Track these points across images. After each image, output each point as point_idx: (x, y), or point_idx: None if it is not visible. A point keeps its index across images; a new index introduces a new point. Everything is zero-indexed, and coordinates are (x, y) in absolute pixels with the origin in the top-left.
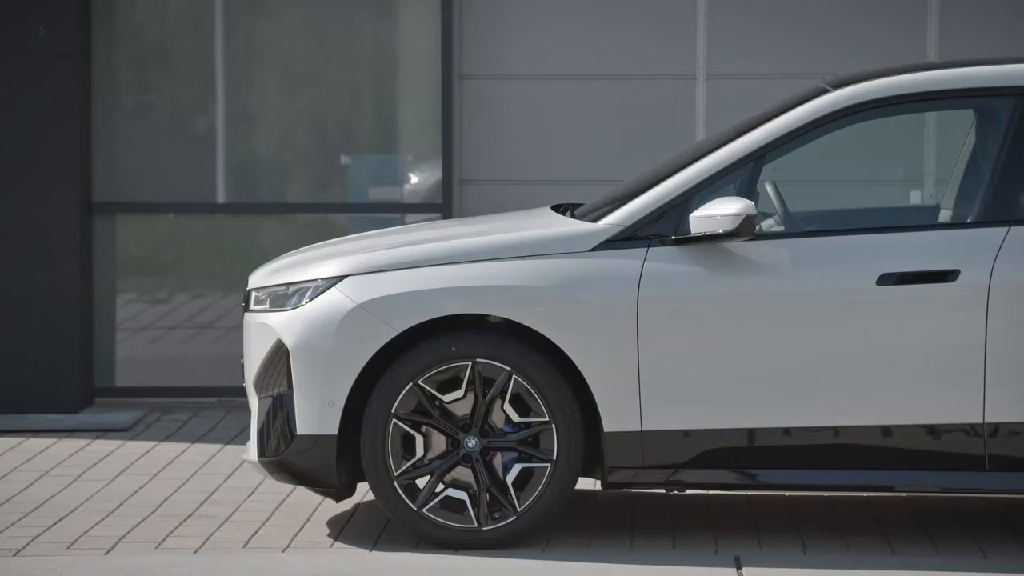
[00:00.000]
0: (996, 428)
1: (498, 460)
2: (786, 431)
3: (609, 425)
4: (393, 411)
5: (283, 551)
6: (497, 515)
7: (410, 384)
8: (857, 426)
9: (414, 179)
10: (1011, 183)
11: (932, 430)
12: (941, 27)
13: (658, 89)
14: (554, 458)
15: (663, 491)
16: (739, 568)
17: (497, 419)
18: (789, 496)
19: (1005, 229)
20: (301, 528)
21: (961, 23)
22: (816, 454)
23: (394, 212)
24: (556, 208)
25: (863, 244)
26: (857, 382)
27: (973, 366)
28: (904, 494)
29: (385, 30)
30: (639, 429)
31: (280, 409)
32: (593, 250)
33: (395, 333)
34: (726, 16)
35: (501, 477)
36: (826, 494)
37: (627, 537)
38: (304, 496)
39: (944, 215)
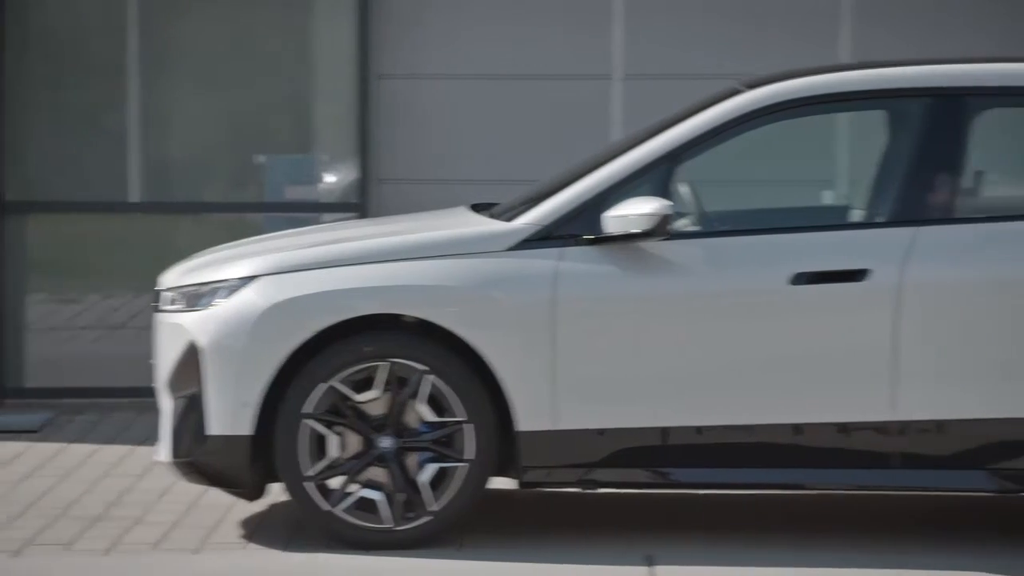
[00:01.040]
0: (906, 426)
1: (413, 460)
2: (699, 430)
3: (523, 424)
4: (307, 411)
5: (195, 552)
6: (411, 515)
7: (324, 384)
8: (770, 424)
9: (330, 178)
10: (921, 184)
11: (843, 428)
12: (854, 29)
13: (574, 89)
14: (468, 458)
15: (578, 490)
16: (651, 566)
17: (412, 419)
18: (703, 494)
19: (915, 229)
20: (213, 529)
21: (873, 25)
22: (729, 452)
23: (310, 212)
24: (473, 207)
25: (776, 244)
26: (770, 381)
27: (883, 364)
28: (816, 492)
29: (301, 29)
30: (553, 428)
31: (193, 410)
32: (509, 250)
33: (310, 333)
34: (642, 17)
35: (416, 477)
36: (739, 492)
37: (541, 536)
38: (216, 497)
39: (856, 215)
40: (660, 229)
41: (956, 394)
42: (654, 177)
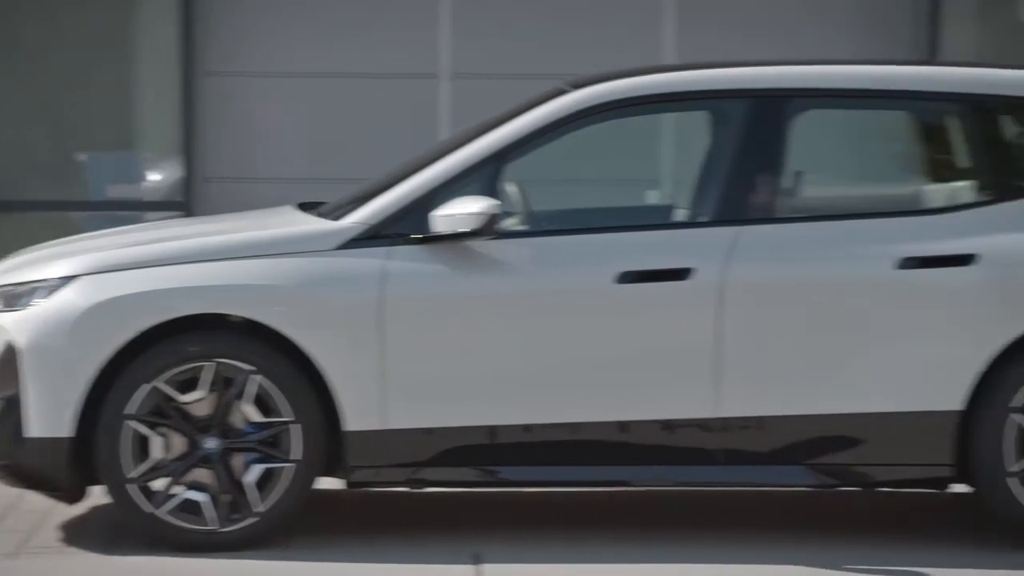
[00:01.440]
0: (727, 422)
1: (239, 461)
2: (527, 428)
3: (351, 424)
4: (130, 412)
5: (12, 557)
6: (237, 516)
7: (147, 385)
8: (595, 422)
9: (155, 177)
10: (744, 184)
11: (667, 425)
12: (679, 29)
13: (402, 88)
14: (295, 458)
15: (406, 489)
16: (478, 564)
17: (238, 420)
18: (531, 492)
19: (738, 228)
20: (31, 533)
21: (698, 25)
22: (556, 450)
23: (134, 210)
24: (300, 206)
25: (602, 243)
26: (596, 379)
27: (706, 362)
28: (641, 488)
29: (125, 25)
30: (381, 428)
31: (10, 412)
32: (336, 249)
33: (132, 334)
34: (469, 16)
35: (241, 478)
36: (567, 490)
37: (369, 536)
38: (35, 500)
39: (680, 215)
40: (488, 228)
41: (777, 391)
42: (482, 176)
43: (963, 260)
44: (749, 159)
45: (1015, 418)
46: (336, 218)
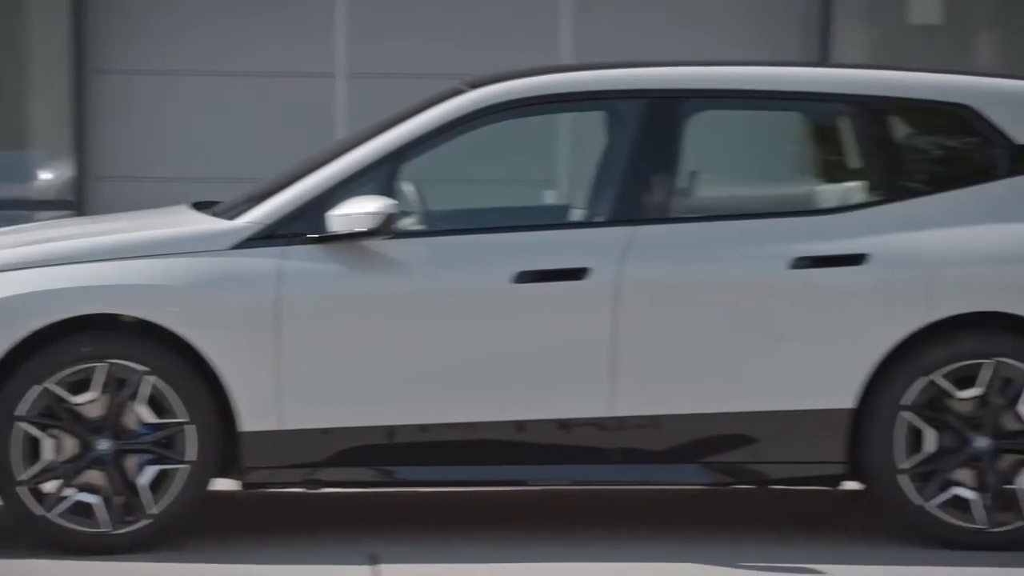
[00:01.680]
0: (623, 421)
1: (132, 462)
2: (424, 428)
3: (247, 425)
4: (20, 414)
5: None
6: (130, 518)
7: (38, 386)
8: (492, 422)
9: (46, 176)
10: (639, 184)
11: (564, 424)
12: (575, 29)
13: (298, 87)
14: (190, 459)
15: (303, 490)
16: (375, 564)
17: (131, 421)
18: (428, 492)
19: (633, 228)
20: None
21: (594, 25)
22: (453, 450)
23: (24, 209)
24: (195, 206)
25: (499, 243)
26: (493, 378)
27: (602, 361)
28: (540, 487)
29: (14, 23)
30: (278, 428)
31: None
32: (231, 248)
33: (23, 334)
34: (366, 15)
35: (135, 480)
36: (464, 489)
37: (265, 537)
38: None
39: (576, 214)
40: (384, 228)
41: (672, 390)
42: (378, 176)
43: (854, 260)
44: (644, 159)
45: (905, 416)
46: (231, 217)
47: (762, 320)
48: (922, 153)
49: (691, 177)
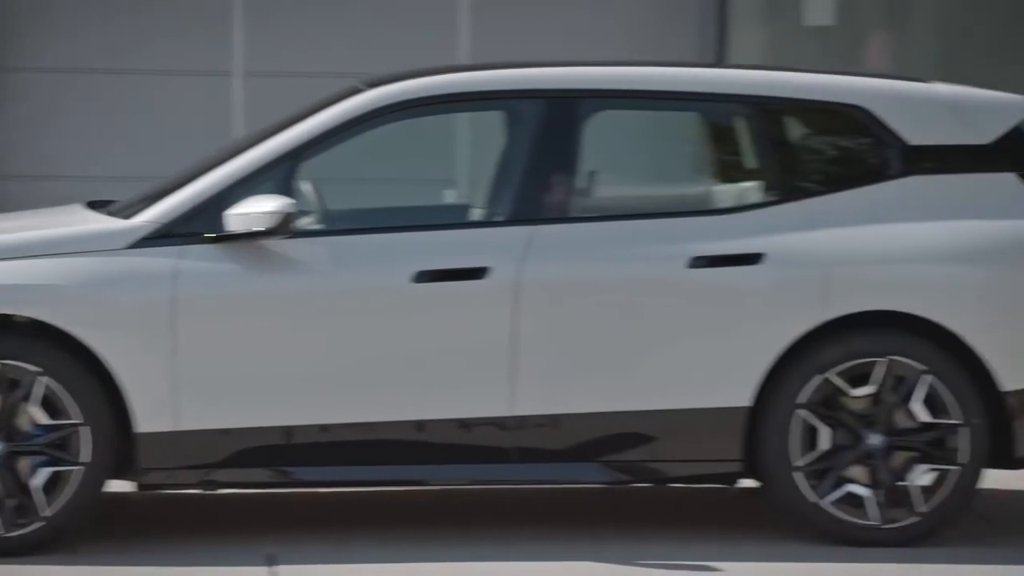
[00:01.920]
0: (523, 421)
1: (25, 464)
2: (323, 428)
3: (142, 426)
4: None
5: None
6: (23, 521)
7: None
8: (392, 422)
9: None
10: (538, 183)
11: (463, 424)
12: (474, 29)
13: (195, 86)
14: (84, 461)
15: (200, 491)
16: (273, 566)
17: (24, 422)
18: (328, 492)
19: (533, 228)
20: None
21: (492, 24)
22: (353, 450)
23: None
24: (90, 205)
25: (399, 242)
26: (392, 378)
27: (502, 361)
28: (440, 486)
29: None
30: (174, 429)
31: None
32: (126, 248)
33: None
34: (262, 14)
35: (28, 482)
36: (364, 489)
37: (161, 539)
38: None
39: (476, 214)
40: (283, 227)
41: (571, 389)
42: (276, 175)
43: (751, 259)
44: (544, 159)
45: (801, 414)
46: (126, 217)
47: (660, 319)
48: (817, 153)
49: (590, 177)
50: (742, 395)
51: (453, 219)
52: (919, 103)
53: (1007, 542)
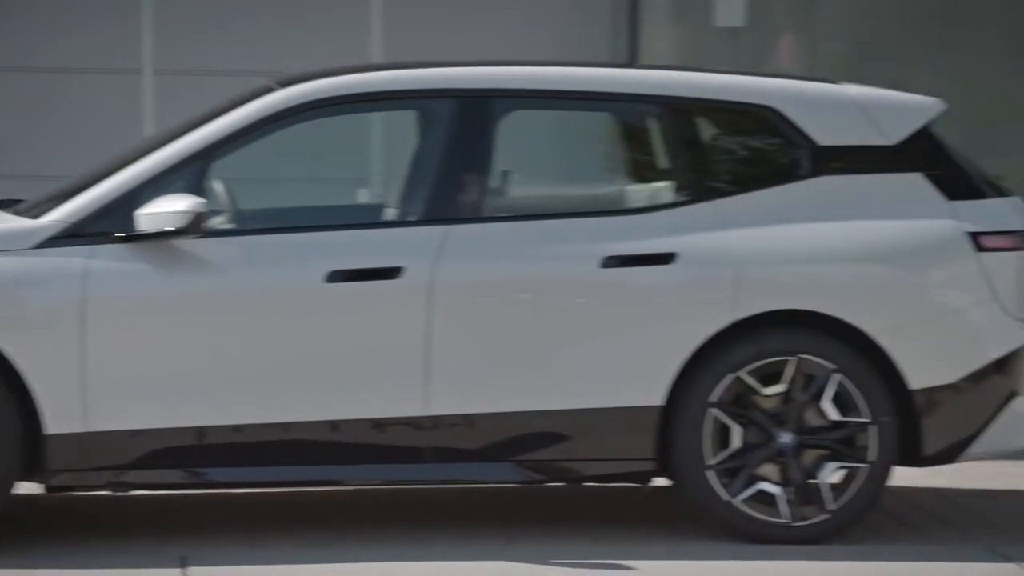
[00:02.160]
0: (437, 420)
1: None
2: (236, 428)
3: (51, 427)
4: None
5: None
6: None
7: None
8: (306, 422)
9: None
10: (452, 183)
11: (378, 424)
12: (385, 28)
13: (105, 83)
14: None
15: (111, 493)
16: (185, 567)
17: None
18: (240, 493)
19: (447, 227)
20: None
21: (404, 24)
22: (266, 451)
23: None
24: None
25: (311, 242)
26: (306, 378)
27: (417, 360)
28: (354, 486)
29: None
30: (84, 431)
31: None
32: (34, 248)
33: None
34: (172, 11)
35: None
36: (277, 490)
37: (72, 541)
38: None
39: (390, 214)
40: (194, 227)
41: (485, 389)
42: (187, 174)
43: (663, 259)
44: (457, 159)
45: (713, 413)
46: (34, 216)
47: (573, 319)
48: (729, 154)
49: (503, 177)
50: (655, 394)
51: (366, 219)
52: (828, 104)
53: (914, 539)
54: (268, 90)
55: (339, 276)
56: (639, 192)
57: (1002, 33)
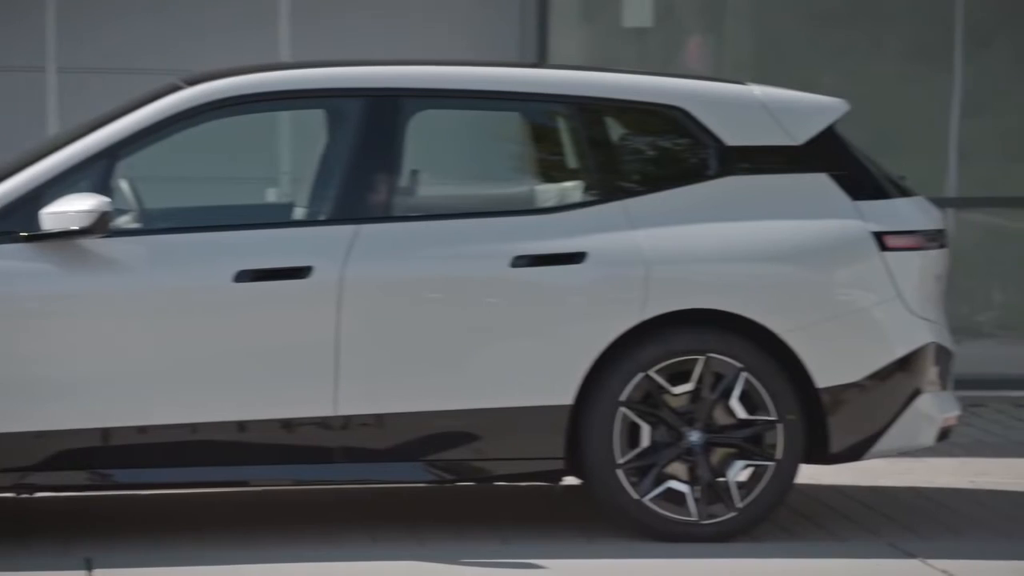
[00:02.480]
0: (347, 420)
1: None
2: (142, 429)
3: None
4: None
5: None
6: None
7: None
8: (214, 422)
9: None
10: (361, 182)
11: (287, 424)
12: (293, 27)
13: (8, 81)
14: None
15: (14, 495)
16: (90, 569)
17: None
18: (147, 495)
19: (356, 227)
20: None
21: (311, 23)
22: (173, 451)
23: None
24: None
25: (220, 241)
26: (214, 379)
27: (326, 360)
28: (259, 488)
29: None
30: None
31: None
32: None
33: None
34: (77, 7)
35: None
36: (185, 491)
37: None
38: None
39: (299, 213)
40: (99, 226)
41: (394, 389)
42: (93, 173)
43: (573, 258)
44: (366, 158)
45: (623, 411)
46: None
47: (483, 318)
48: (638, 154)
49: (413, 176)
50: (565, 393)
51: (275, 218)
52: (736, 104)
53: (821, 536)
54: (175, 88)
55: (247, 276)
56: (549, 192)
57: (903, 35)
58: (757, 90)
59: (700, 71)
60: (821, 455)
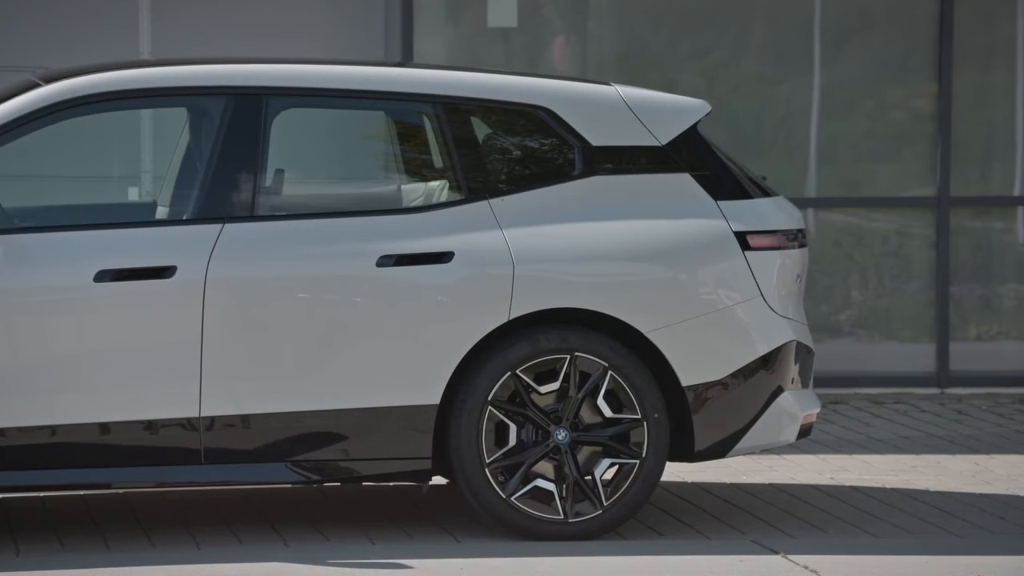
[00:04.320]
0: (212, 421)
1: None
2: (0, 433)
3: None
4: None
5: None
6: None
7: None
8: (74, 424)
9: None
10: (224, 181)
11: (150, 426)
12: (153, 24)
13: None
14: None
15: None
16: None
17: None
18: (6, 498)
19: (220, 226)
20: None
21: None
22: (32, 454)
23: None
24: None
25: (80, 241)
26: (75, 380)
27: (190, 361)
28: (121, 490)
29: None
30: None
31: None
32: None
33: None
34: None
35: None
36: (41, 494)
37: None
38: None
39: (162, 212)
40: None
41: (260, 389)
42: None
43: (439, 258)
44: (230, 157)
45: (490, 410)
46: None
47: (349, 318)
48: (504, 153)
49: (278, 175)
50: (432, 393)
51: (138, 217)
52: (600, 105)
53: (686, 534)
54: (33, 85)
55: (109, 275)
56: (415, 191)
57: (764, 37)
58: (621, 90)
59: (565, 71)
60: (686, 453)
